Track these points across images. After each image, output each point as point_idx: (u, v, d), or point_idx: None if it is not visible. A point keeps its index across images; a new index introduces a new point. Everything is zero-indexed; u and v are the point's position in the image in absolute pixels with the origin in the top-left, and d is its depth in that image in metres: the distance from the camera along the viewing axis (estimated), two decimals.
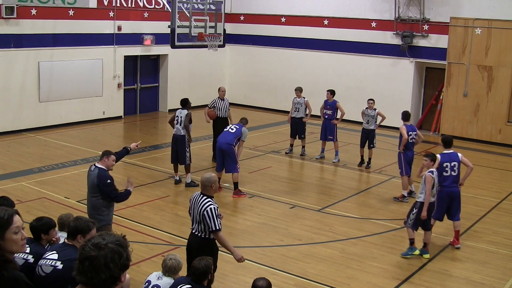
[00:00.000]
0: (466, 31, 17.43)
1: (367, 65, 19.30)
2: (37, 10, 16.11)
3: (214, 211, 6.39)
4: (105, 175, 7.43)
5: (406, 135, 11.47)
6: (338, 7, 19.75)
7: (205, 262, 5.42)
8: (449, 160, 9.26)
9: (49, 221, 5.36)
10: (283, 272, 8.14)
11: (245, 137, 11.63)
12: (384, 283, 8.00)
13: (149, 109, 20.42)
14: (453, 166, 9.25)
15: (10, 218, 3.36)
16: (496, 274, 8.44)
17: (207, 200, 6.49)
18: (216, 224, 6.37)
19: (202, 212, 6.39)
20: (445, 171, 9.20)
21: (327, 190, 12.37)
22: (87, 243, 2.77)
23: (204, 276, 5.39)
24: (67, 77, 17.08)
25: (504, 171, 14.57)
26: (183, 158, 11.94)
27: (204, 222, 6.41)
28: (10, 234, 3.35)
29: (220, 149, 11.43)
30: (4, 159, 13.52)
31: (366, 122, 13.73)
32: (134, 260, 7.34)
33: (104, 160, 7.53)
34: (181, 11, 13.74)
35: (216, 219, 6.37)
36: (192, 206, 6.62)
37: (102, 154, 7.65)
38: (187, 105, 12.15)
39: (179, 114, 11.99)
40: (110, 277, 2.71)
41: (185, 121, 11.84)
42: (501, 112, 17.22)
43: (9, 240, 3.35)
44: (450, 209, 9.38)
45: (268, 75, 21.53)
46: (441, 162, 9.20)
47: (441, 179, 9.15)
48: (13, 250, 3.41)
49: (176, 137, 12.04)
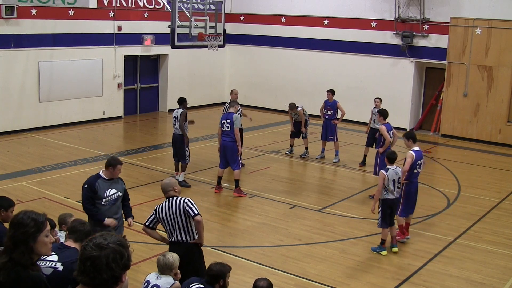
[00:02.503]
0: (466, 31, 17.43)
1: (367, 65, 19.29)
2: (37, 10, 16.11)
3: (192, 201, 6.46)
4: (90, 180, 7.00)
5: (389, 136, 11.41)
6: (338, 7, 19.74)
7: (221, 267, 5.55)
8: (420, 157, 9.33)
9: (49, 221, 5.36)
10: (283, 272, 8.14)
11: (239, 123, 11.61)
12: (384, 283, 8.00)
13: (149, 109, 20.43)
14: (420, 164, 9.33)
15: (45, 222, 3.51)
16: (496, 274, 8.44)
17: (178, 197, 6.48)
18: (197, 209, 6.41)
19: (182, 206, 6.37)
20: (415, 168, 9.27)
21: (327, 190, 12.37)
22: (89, 243, 2.77)
23: (216, 278, 5.48)
24: (67, 77, 17.08)
25: (504, 171, 14.57)
26: (183, 157, 11.97)
27: (185, 218, 6.38)
28: (42, 237, 3.46)
29: (224, 146, 11.46)
30: (4, 159, 13.52)
31: (373, 121, 13.67)
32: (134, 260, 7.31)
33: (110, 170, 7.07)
34: (181, 11, 13.74)
35: (194, 205, 6.42)
36: (164, 216, 6.47)
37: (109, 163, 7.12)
38: (183, 104, 12.09)
39: (175, 114, 11.98)
40: (112, 277, 2.71)
41: (180, 120, 11.80)
42: (501, 112, 17.21)
43: (40, 243, 3.49)
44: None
45: (269, 75, 21.53)
46: (416, 159, 9.22)
47: (411, 177, 9.24)
48: (42, 252, 3.54)
49: (175, 136, 12.06)
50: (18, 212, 3.61)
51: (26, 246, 3.42)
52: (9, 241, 3.46)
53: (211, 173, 12.74)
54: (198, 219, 6.38)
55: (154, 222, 6.64)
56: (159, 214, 6.54)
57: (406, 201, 9.28)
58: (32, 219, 3.46)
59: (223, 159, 11.56)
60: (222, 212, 10.62)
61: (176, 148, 12.04)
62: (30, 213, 3.52)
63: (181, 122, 11.79)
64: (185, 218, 6.40)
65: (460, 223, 10.46)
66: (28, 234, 3.42)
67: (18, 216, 3.53)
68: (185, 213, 6.38)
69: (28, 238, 3.43)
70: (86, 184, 7.03)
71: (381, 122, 11.81)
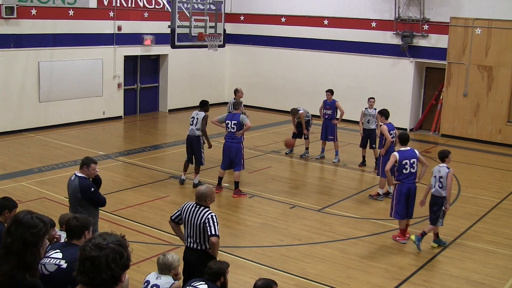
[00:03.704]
0: (466, 31, 17.43)
1: (367, 65, 19.29)
2: (37, 10, 16.11)
3: (216, 219, 6.25)
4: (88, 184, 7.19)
5: (390, 136, 11.38)
6: (338, 7, 19.74)
7: (220, 264, 5.56)
8: (408, 157, 9.23)
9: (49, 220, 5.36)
10: (283, 272, 8.14)
11: (247, 121, 11.46)
12: (384, 283, 8.00)
13: (149, 109, 20.43)
14: (412, 163, 9.25)
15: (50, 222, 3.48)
16: (496, 274, 8.44)
17: (206, 209, 6.32)
18: (217, 230, 6.20)
19: (203, 220, 6.21)
20: (404, 169, 9.20)
21: (327, 190, 12.37)
22: (88, 243, 2.77)
23: (216, 276, 5.48)
24: (67, 77, 17.08)
25: (504, 171, 14.57)
26: (199, 159, 11.80)
27: (203, 231, 6.23)
28: (45, 240, 3.45)
29: (229, 148, 11.42)
30: (4, 159, 13.52)
31: (367, 122, 13.67)
32: (134, 260, 7.33)
33: (84, 170, 7.23)
34: (181, 11, 13.74)
35: (217, 225, 6.22)
36: (186, 218, 6.38)
37: (82, 162, 7.33)
38: (205, 107, 11.88)
39: (195, 115, 11.76)
40: (112, 277, 2.71)
41: (202, 125, 11.61)
42: (501, 112, 17.21)
43: (44, 245, 3.48)
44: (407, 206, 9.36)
45: (269, 75, 21.53)
46: (400, 159, 9.17)
47: (401, 176, 9.21)
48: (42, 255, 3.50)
49: (191, 138, 11.83)
50: (19, 212, 3.54)
51: (36, 248, 3.39)
52: (19, 243, 3.37)
53: (211, 173, 12.74)
54: (213, 240, 6.19)
55: (179, 219, 6.54)
56: (184, 213, 6.44)
57: (398, 202, 9.26)
58: (40, 220, 3.42)
59: (227, 160, 11.53)
60: (222, 212, 10.61)
61: (193, 150, 11.83)
62: (34, 214, 3.47)
63: (203, 127, 11.59)
64: (203, 231, 6.26)
65: (460, 223, 10.47)
66: (39, 235, 3.39)
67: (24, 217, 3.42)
68: (204, 228, 6.24)
69: (39, 239, 3.39)
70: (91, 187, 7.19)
71: (382, 122, 11.78)
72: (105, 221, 9.63)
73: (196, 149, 11.79)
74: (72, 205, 7.38)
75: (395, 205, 9.28)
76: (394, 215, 9.37)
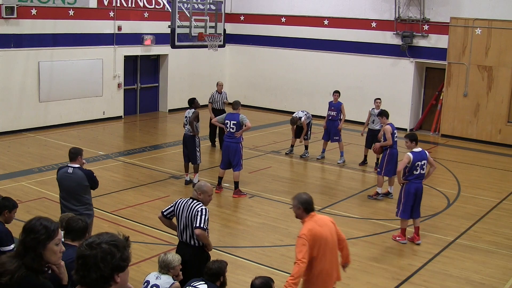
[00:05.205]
0: (466, 31, 17.43)
1: (367, 65, 19.29)
2: (37, 10, 16.11)
3: (206, 212, 6.24)
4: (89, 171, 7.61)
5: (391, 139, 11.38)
6: (338, 7, 19.74)
7: (219, 264, 5.57)
8: (420, 159, 9.23)
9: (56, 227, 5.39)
10: (283, 272, 8.13)
11: (247, 121, 11.46)
12: (384, 283, 8.00)
13: (149, 109, 20.43)
14: (423, 165, 9.26)
15: (56, 230, 3.52)
16: (496, 274, 8.44)
17: (198, 203, 6.33)
18: (202, 222, 6.16)
19: (194, 212, 6.23)
20: (415, 170, 9.20)
21: (327, 190, 12.36)
22: (84, 242, 2.82)
23: (216, 276, 5.50)
24: (67, 77, 17.08)
25: (504, 171, 14.57)
26: (194, 158, 11.88)
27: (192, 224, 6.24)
28: (52, 245, 3.48)
29: (228, 147, 11.44)
30: (4, 159, 13.52)
31: (372, 122, 13.65)
32: (134, 260, 7.34)
33: (79, 159, 7.51)
34: (181, 11, 13.74)
35: (205, 218, 6.20)
36: (180, 212, 6.40)
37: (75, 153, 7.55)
38: (193, 104, 12.06)
39: (187, 114, 11.91)
40: (101, 277, 2.72)
41: (191, 118, 11.74)
42: (501, 112, 17.22)
43: (50, 251, 3.50)
44: (413, 206, 9.36)
45: (268, 75, 21.53)
46: (413, 161, 9.16)
47: (411, 177, 9.21)
48: (51, 260, 3.55)
49: (185, 137, 11.96)
50: (32, 218, 3.61)
51: (35, 253, 3.44)
52: (21, 245, 3.49)
53: (211, 173, 12.74)
54: (197, 232, 6.17)
55: (171, 214, 6.55)
56: (177, 208, 6.45)
57: (406, 201, 9.26)
58: (44, 227, 3.48)
59: (226, 159, 11.54)
60: (222, 212, 10.62)
61: (188, 149, 11.95)
62: (43, 220, 3.54)
63: (191, 119, 11.70)
64: (192, 223, 6.28)
65: (460, 223, 10.47)
66: (38, 241, 3.44)
67: (31, 222, 3.54)
68: (194, 217, 6.25)
69: (38, 245, 3.44)
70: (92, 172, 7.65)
71: (384, 122, 11.78)
72: (105, 221, 9.64)
73: (190, 148, 11.87)
74: (72, 197, 7.48)
75: (403, 204, 9.26)
76: (401, 214, 9.34)
